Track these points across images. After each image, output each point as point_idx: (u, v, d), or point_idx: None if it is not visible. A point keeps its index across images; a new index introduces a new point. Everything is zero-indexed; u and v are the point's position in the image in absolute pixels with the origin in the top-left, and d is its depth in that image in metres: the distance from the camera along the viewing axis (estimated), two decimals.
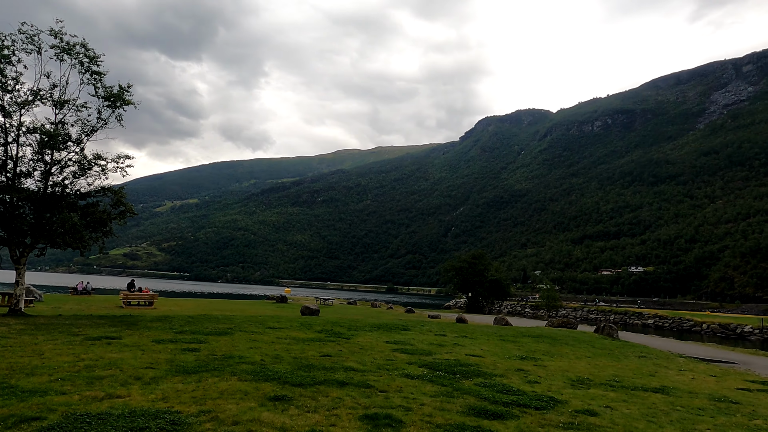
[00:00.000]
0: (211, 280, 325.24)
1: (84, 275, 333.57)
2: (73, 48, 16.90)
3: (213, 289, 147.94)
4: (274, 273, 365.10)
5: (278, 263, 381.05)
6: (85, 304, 30.69)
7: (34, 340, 11.67)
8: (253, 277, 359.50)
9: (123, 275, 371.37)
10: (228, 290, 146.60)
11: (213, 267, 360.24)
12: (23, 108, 16.49)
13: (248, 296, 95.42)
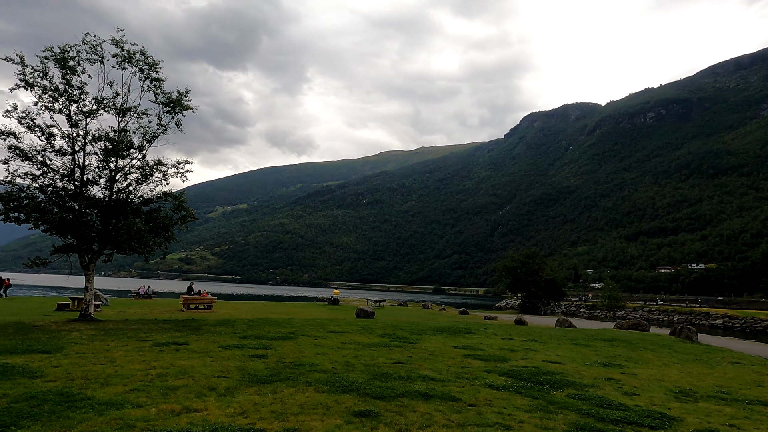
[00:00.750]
0: (262, 282, 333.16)
1: (144, 279, 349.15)
2: (133, 56, 17.15)
3: (264, 291, 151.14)
4: (321, 275, 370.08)
5: (325, 265, 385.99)
6: (148, 308, 31.52)
7: (105, 346, 11.66)
8: (302, 279, 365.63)
9: (179, 279, 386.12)
10: (278, 292, 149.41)
11: (263, 270, 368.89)
12: (88, 117, 16.85)
13: (299, 298, 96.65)
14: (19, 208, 15.90)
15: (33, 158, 16.36)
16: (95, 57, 16.82)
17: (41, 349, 10.52)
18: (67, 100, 16.54)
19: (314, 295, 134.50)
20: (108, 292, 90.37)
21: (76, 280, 41.64)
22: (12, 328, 14.04)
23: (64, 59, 16.40)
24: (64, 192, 16.97)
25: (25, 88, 16.08)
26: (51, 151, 16.68)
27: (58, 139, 16.74)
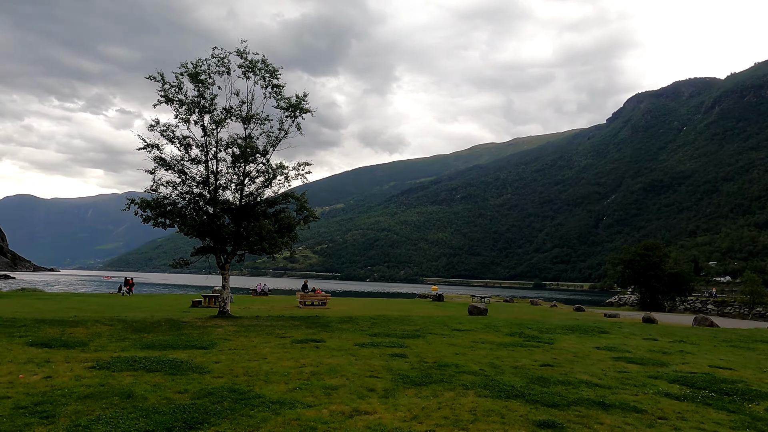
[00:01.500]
0: (360, 279, 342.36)
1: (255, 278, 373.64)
2: (255, 65, 17.99)
3: (363, 288, 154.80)
4: (417, 271, 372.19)
5: (421, 261, 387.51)
6: (268, 305, 33.31)
7: (250, 342, 12.18)
8: (398, 275, 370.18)
9: (284, 276, 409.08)
10: (378, 289, 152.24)
11: (360, 267, 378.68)
12: (219, 126, 17.96)
13: (399, 295, 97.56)
14: (165, 214, 17.37)
15: (173, 167, 17.76)
16: (223, 69, 17.90)
17: (198, 345, 11.19)
18: (201, 111, 17.73)
19: (412, 291, 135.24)
20: None
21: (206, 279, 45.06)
22: (165, 324, 15.26)
23: (197, 74, 17.61)
24: (200, 197, 18.25)
25: (166, 102, 17.50)
26: (188, 160, 18.01)
27: (194, 149, 18.05)
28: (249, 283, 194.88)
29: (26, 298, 35.60)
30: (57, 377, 7.63)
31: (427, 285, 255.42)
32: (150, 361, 8.95)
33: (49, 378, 7.55)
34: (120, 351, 10.20)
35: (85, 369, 8.28)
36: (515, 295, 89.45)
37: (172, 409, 6.05)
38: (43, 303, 30.11)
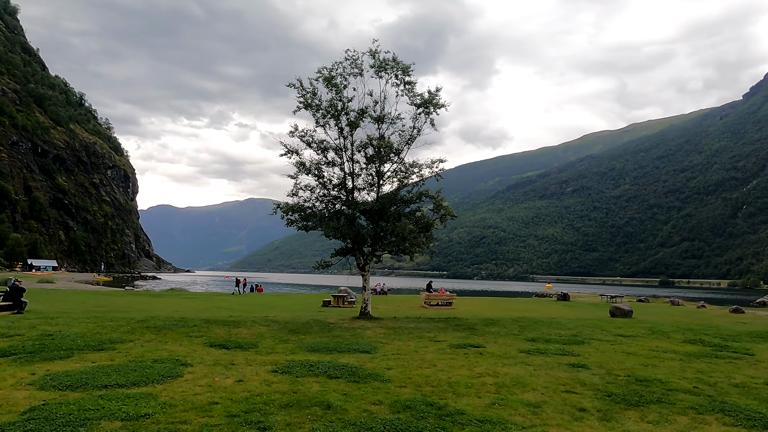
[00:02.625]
0: (467, 277, 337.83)
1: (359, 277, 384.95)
2: (387, 64, 17.77)
3: (473, 286, 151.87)
4: (527, 269, 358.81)
5: (531, 258, 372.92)
6: (393, 305, 33.41)
7: (407, 346, 11.78)
8: (507, 273, 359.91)
9: (392, 276, 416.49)
10: (488, 287, 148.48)
11: (467, 265, 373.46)
12: (354, 128, 18.02)
13: (513, 293, 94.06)
14: (308, 217, 17.81)
15: (312, 171, 18.14)
16: (356, 70, 17.92)
17: (360, 349, 11.00)
18: (336, 114, 17.92)
19: (524, 289, 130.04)
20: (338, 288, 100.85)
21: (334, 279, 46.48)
22: (315, 325, 15.51)
23: (331, 77, 17.81)
24: (337, 200, 18.46)
25: (305, 108, 17.94)
26: (325, 163, 18.30)
27: (330, 152, 18.28)
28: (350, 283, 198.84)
29: (177, 298, 39.34)
30: (248, 381, 7.69)
31: (539, 283, 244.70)
32: (325, 366, 8.81)
33: (241, 382, 7.62)
34: (290, 354, 10.27)
35: (268, 373, 8.31)
36: (640, 294, 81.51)
37: (381, 424, 5.65)
38: (194, 302, 32.95)
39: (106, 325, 13.47)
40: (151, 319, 15.49)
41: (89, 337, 11.23)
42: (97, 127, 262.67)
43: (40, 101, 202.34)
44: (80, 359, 8.91)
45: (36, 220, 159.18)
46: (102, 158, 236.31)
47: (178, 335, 12.22)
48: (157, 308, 25.29)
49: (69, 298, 35.01)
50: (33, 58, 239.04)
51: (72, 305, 26.73)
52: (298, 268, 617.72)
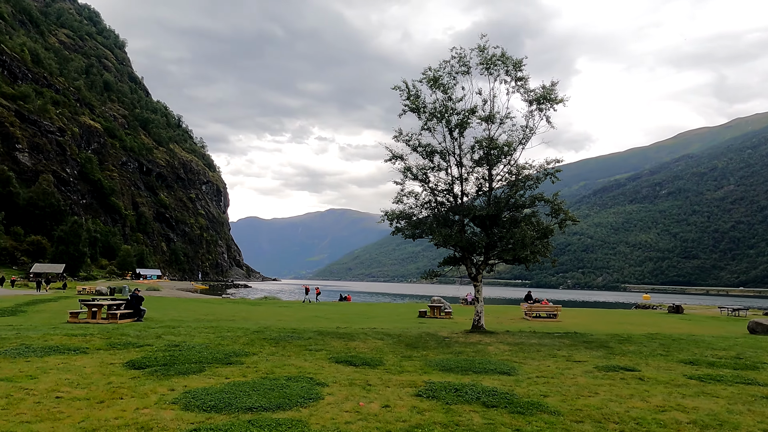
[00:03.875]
0: (551, 286, 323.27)
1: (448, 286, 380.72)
2: (498, 59, 16.63)
3: (559, 296, 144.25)
4: (618, 278, 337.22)
5: (621, 267, 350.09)
6: (491, 316, 31.72)
7: (546, 366, 10.49)
8: (595, 282, 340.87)
9: (471, 284, 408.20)
10: (576, 297, 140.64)
11: (551, 274, 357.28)
12: (461, 129, 17.04)
13: (608, 304, 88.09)
14: (417, 224, 17.02)
15: (418, 177, 17.36)
16: (464, 69, 16.95)
17: (496, 369, 9.88)
18: (444, 116, 17.04)
19: (617, 299, 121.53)
20: (422, 297, 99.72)
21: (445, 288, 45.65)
22: (430, 339, 14.59)
23: (436, 78, 16.98)
24: (444, 206, 17.51)
25: (411, 111, 17.25)
26: (431, 168, 17.44)
27: (437, 156, 17.40)
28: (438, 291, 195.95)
29: (273, 306, 40.29)
30: (395, 407, 6.87)
31: (633, 293, 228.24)
32: (472, 390, 7.79)
33: (389, 408, 6.81)
34: (422, 373, 9.38)
35: (412, 397, 7.46)
36: (762, 306, 72.42)
37: None
38: (291, 311, 33.41)
39: (225, 336, 13.40)
40: (265, 330, 15.35)
41: (213, 349, 11.07)
42: (193, 146, 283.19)
43: (145, 124, 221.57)
44: (213, 374, 8.58)
45: (142, 233, 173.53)
46: (197, 174, 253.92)
47: (297, 348, 11.79)
48: (259, 317, 25.70)
49: (177, 305, 36.91)
50: (138, 85, 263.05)
51: (182, 313, 27.92)
52: (377, 277, 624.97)
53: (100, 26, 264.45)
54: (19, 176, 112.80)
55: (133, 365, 9.10)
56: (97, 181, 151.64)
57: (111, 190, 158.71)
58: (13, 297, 41.40)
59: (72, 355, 9.95)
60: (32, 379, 7.73)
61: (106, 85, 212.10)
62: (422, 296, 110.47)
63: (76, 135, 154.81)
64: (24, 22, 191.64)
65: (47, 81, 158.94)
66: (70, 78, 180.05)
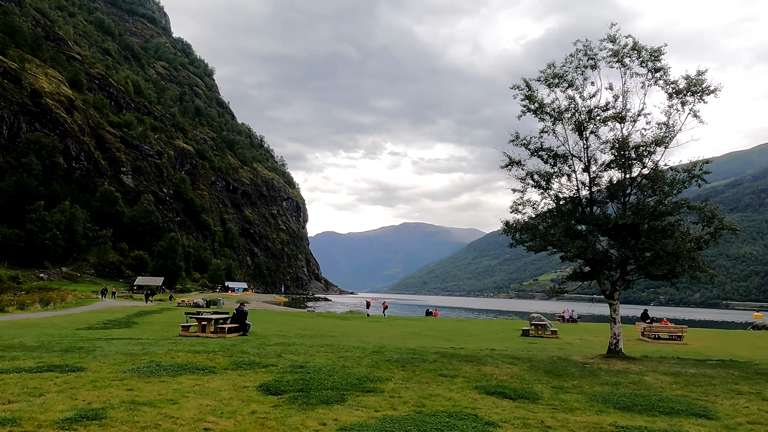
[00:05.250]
0: (641, 302, 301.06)
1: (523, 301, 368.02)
2: (633, 49, 14.82)
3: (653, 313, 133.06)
4: (718, 293, 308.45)
5: (722, 282, 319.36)
6: (599, 336, 29.01)
7: (740, 407, 8.56)
8: (692, 299, 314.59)
9: (553, 300, 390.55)
10: (675, 314, 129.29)
11: (641, 289, 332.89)
12: (595, 128, 15.33)
13: (714, 323, 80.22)
14: (543, 235, 15.45)
15: (540, 184, 15.84)
16: (591, 62, 15.29)
17: (687, 410, 8.10)
18: (572, 116, 15.45)
19: (719, 317, 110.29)
20: (508, 313, 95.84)
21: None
22: (569, 366, 12.92)
23: (560, 75, 15.45)
24: (570, 215, 15.80)
25: (530, 113, 15.83)
26: (554, 174, 15.85)
27: (560, 160, 15.79)
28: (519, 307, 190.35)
29: (363, 321, 39.78)
30: None
31: (737, 311, 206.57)
32: None
33: None
34: (595, 411, 7.87)
35: None
36: None
37: None
38: (384, 326, 32.56)
39: (346, 357, 12.58)
40: (382, 350, 14.41)
41: (341, 372, 10.21)
42: (274, 164, 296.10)
43: (231, 145, 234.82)
44: (357, 404, 7.64)
45: (229, 248, 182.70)
46: (279, 191, 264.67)
47: (429, 374, 10.66)
48: (356, 332, 25.03)
49: (271, 319, 37.38)
50: (225, 109, 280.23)
51: (280, 327, 27.92)
52: (453, 291, 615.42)
53: (192, 57, 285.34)
54: (123, 196, 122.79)
55: (267, 390, 8.39)
56: (189, 199, 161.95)
57: (202, 207, 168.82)
58: (122, 308, 44.10)
59: (202, 376, 9.47)
60: (174, 404, 7.16)
61: (197, 111, 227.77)
62: (507, 312, 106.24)
63: (172, 157, 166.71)
64: (128, 57, 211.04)
65: (147, 109, 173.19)
66: (167, 105, 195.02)
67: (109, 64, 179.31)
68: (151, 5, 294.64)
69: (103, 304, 49.81)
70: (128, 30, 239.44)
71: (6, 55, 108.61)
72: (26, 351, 11.96)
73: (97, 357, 11.16)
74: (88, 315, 34.14)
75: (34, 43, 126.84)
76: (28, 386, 7.84)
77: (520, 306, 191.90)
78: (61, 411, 6.51)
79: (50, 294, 47.31)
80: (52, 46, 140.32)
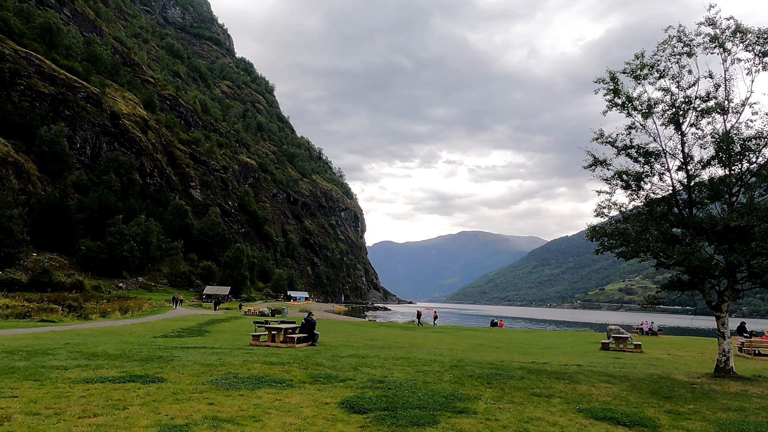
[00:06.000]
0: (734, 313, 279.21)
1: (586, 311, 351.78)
2: (733, 34, 13.31)
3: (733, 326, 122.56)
4: None
5: None
6: (689, 350, 26.60)
7: None
8: None
9: (621, 310, 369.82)
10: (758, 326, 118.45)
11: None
12: (686, 124, 13.90)
13: None
14: (636, 241, 14.09)
15: (630, 185, 14.49)
16: (686, 49, 13.88)
17: None
18: (661, 111, 14.11)
19: None
20: (575, 325, 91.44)
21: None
22: (676, 386, 11.52)
23: (650, 65, 14.12)
24: (664, 218, 14.34)
25: (619, 107, 14.59)
26: (645, 173, 14.48)
27: (653, 158, 14.40)
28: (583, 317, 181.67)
29: (427, 331, 38.89)
30: None
31: None
32: None
33: None
34: None
35: None
36: None
37: None
38: (450, 337, 31.53)
39: (425, 371, 11.87)
40: (460, 365, 13.58)
41: (424, 389, 9.51)
42: (332, 176, 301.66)
43: (291, 158, 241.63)
44: (451, 427, 6.91)
45: (290, 258, 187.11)
46: (337, 202, 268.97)
47: (521, 392, 9.74)
48: (425, 344, 24.21)
49: (335, 328, 37.29)
50: (285, 124, 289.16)
51: (346, 337, 27.60)
52: (513, 301, 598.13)
53: (254, 75, 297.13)
54: (192, 209, 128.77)
55: (350, 407, 7.83)
56: (253, 211, 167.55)
57: (264, 219, 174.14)
58: (193, 317, 45.64)
59: (281, 389, 9.06)
60: (257, 422, 6.74)
61: (259, 126, 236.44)
62: (574, 323, 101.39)
63: (236, 171, 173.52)
64: (195, 78, 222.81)
65: (213, 126, 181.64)
66: (231, 122, 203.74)
67: (179, 85, 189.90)
68: (216, 29, 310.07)
69: (175, 313, 51.86)
70: (196, 53, 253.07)
71: (89, 81, 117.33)
72: (109, 359, 12.13)
73: (176, 367, 11.09)
74: (163, 323, 35.43)
75: (113, 69, 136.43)
76: (113, 398, 7.71)
77: (587, 317, 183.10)
78: (146, 427, 6.23)
79: (128, 302, 49.81)
80: (128, 71, 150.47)
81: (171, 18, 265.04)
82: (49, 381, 8.93)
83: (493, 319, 58.79)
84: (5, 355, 12.32)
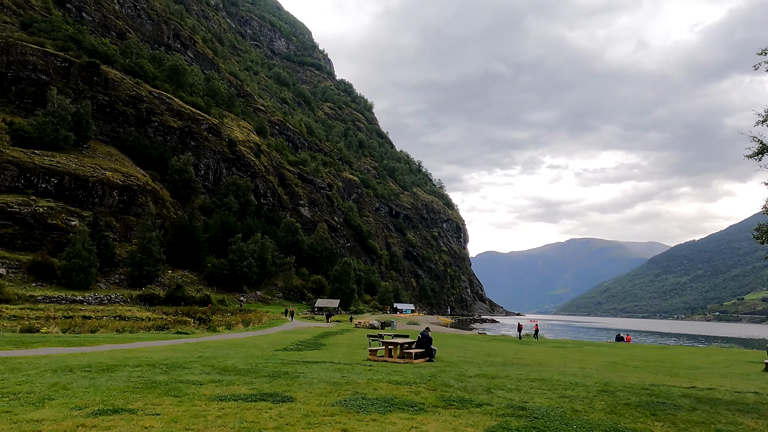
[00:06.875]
0: None
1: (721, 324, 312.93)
2: None
3: None
4: None
5: None
6: None
7: None
8: None
9: (766, 323, 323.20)
10: None
11: None
12: None
13: None
14: None
15: None
16: None
17: None
18: None
19: None
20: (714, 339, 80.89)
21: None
22: None
23: None
24: None
25: None
26: None
27: None
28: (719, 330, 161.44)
29: (546, 346, 36.27)
30: None
31: None
32: None
33: None
34: None
35: None
36: None
37: None
38: (579, 354, 28.92)
39: (566, 395, 10.53)
40: (608, 388, 11.96)
41: (577, 420, 8.23)
42: (432, 187, 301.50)
43: (392, 173, 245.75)
44: None
45: (394, 270, 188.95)
46: (438, 214, 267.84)
47: (696, 427, 8.09)
48: (550, 360, 22.31)
49: (447, 342, 36.18)
50: (384, 140, 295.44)
51: (460, 351, 26.47)
52: (633, 312, 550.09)
53: (353, 95, 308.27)
54: (302, 226, 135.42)
55: None
56: (357, 226, 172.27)
57: (368, 233, 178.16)
58: (308, 329, 47.16)
59: (413, 414, 8.34)
60: None
61: (360, 144, 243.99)
62: (713, 338, 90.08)
63: (340, 188, 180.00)
64: (300, 102, 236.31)
65: (318, 146, 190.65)
66: (334, 141, 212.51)
67: (286, 110, 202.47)
68: (318, 55, 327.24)
69: (291, 325, 54.08)
70: (300, 79, 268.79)
71: (210, 113, 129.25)
72: (239, 375, 12.31)
73: (303, 385, 10.88)
74: (281, 335, 36.81)
75: (229, 101, 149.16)
76: (247, 419, 7.50)
77: (726, 330, 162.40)
78: None
79: (249, 315, 52.96)
80: (242, 101, 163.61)
81: (277, 49, 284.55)
82: (187, 398, 9.05)
83: (619, 333, 53.77)
84: (149, 368, 13.03)
